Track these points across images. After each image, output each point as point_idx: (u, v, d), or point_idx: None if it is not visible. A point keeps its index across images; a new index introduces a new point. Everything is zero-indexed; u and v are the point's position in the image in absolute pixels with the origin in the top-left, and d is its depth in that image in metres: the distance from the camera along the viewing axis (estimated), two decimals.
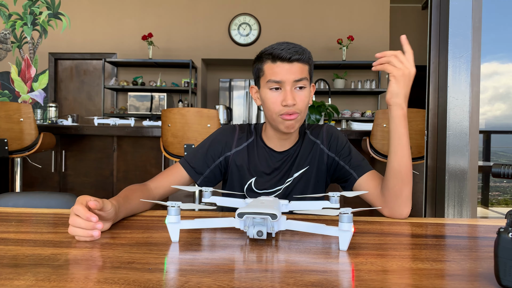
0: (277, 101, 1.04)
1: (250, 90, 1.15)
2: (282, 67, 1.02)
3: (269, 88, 1.04)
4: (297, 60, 1.02)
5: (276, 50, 1.03)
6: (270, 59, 1.04)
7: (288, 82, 1.02)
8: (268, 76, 1.04)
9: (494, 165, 0.58)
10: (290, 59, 1.02)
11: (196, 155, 1.14)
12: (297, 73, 1.03)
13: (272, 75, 1.03)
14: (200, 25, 6.07)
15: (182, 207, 0.72)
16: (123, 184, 3.19)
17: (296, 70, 1.03)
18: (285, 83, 1.02)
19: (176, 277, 0.55)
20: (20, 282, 0.52)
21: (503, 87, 4.34)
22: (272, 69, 1.03)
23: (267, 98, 1.06)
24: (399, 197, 0.95)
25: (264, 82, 1.06)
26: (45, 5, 6.15)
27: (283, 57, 1.02)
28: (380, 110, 2.53)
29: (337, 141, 1.14)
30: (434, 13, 1.48)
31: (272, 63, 1.03)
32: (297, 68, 1.03)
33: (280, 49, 1.02)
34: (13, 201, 1.35)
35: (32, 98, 6.14)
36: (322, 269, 0.59)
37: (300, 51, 1.03)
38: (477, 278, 0.56)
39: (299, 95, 1.04)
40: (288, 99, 1.02)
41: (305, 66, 1.05)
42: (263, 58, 1.06)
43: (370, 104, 6.18)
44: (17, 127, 2.46)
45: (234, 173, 1.14)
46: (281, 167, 1.13)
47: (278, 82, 1.03)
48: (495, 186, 4.71)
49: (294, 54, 1.02)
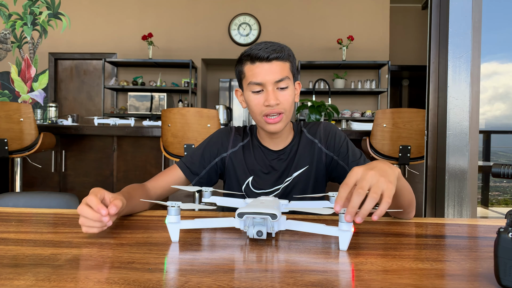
0: (260, 102, 1.03)
1: (236, 93, 1.15)
2: (262, 68, 1.01)
3: (251, 91, 1.04)
4: (275, 58, 1.01)
5: (254, 51, 1.01)
6: (249, 60, 1.02)
7: (269, 83, 1.01)
8: (249, 78, 1.03)
9: (494, 165, 0.58)
10: (268, 58, 1.00)
11: (192, 157, 1.15)
12: (277, 73, 1.01)
13: (252, 76, 1.02)
14: (200, 25, 6.07)
15: (182, 207, 0.72)
16: (123, 184, 3.19)
17: (276, 69, 1.01)
18: (266, 84, 1.01)
19: (176, 277, 0.55)
20: (20, 282, 0.52)
21: (503, 87, 4.34)
22: (252, 71, 1.02)
23: (250, 101, 1.05)
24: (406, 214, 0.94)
25: (246, 85, 1.05)
26: (45, 5, 6.15)
27: (261, 57, 1.00)
28: (380, 110, 2.53)
29: (335, 139, 1.13)
30: (434, 13, 1.48)
31: (251, 64, 1.02)
32: (277, 67, 1.01)
33: (258, 49, 1.01)
34: (13, 201, 1.35)
35: (32, 98, 6.14)
36: (322, 269, 0.59)
37: (279, 49, 1.02)
38: (477, 278, 0.56)
39: (282, 95, 1.03)
40: (270, 99, 1.01)
41: (286, 63, 1.03)
42: (243, 60, 1.05)
43: (370, 104, 6.17)
44: (17, 127, 2.46)
45: (231, 173, 1.15)
46: (278, 166, 1.13)
47: (259, 84, 1.02)
48: (495, 186, 4.70)
49: (272, 52, 1.00)
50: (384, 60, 5.78)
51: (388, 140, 2.49)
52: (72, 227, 0.81)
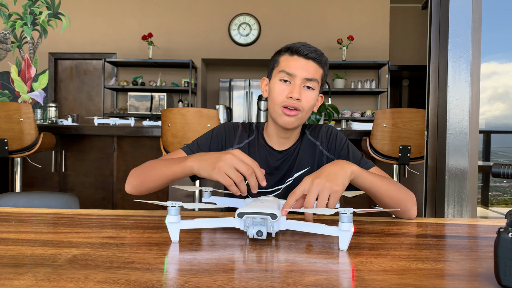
0: (284, 92, 1.05)
1: (261, 81, 1.16)
2: (298, 61, 1.04)
3: (279, 79, 1.06)
4: (313, 58, 1.04)
5: (296, 45, 1.06)
6: (288, 52, 1.06)
7: (299, 77, 1.04)
8: (281, 67, 1.06)
9: (494, 165, 0.58)
10: (307, 55, 1.04)
11: (200, 145, 1.13)
12: (310, 72, 1.04)
13: (285, 66, 1.05)
14: (200, 25, 6.07)
15: (185, 206, 0.72)
16: (123, 184, 3.19)
17: (310, 68, 1.04)
18: (296, 78, 1.04)
19: (176, 277, 0.55)
20: (20, 282, 0.52)
21: (502, 87, 4.34)
22: (287, 61, 1.06)
23: (274, 88, 1.07)
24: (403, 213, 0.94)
25: (276, 73, 1.08)
26: (45, 5, 6.15)
27: (300, 52, 1.04)
28: (380, 110, 2.53)
29: (336, 142, 1.14)
30: (434, 13, 1.48)
31: (289, 56, 1.06)
32: (312, 67, 1.04)
33: (300, 45, 1.05)
34: (13, 201, 1.35)
35: (32, 98, 6.14)
36: (322, 269, 0.59)
37: (319, 52, 1.06)
38: (477, 278, 0.56)
39: (306, 94, 1.05)
40: (294, 92, 1.03)
41: (320, 68, 1.07)
42: (281, 51, 1.09)
43: (370, 104, 6.18)
44: (17, 127, 2.46)
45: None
46: (281, 167, 1.13)
47: (289, 74, 1.04)
48: (495, 186, 4.71)
49: (313, 52, 1.04)
50: (384, 60, 5.78)
51: (388, 140, 2.49)
52: (72, 227, 0.81)
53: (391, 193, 0.90)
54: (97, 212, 0.96)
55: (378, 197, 0.91)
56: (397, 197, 0.91)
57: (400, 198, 0.91)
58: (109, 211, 0.98)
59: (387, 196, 0.90)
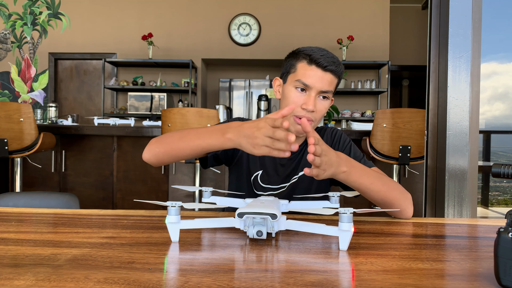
0: (299, 102, 1.05)
1: (274, 81, 1.16)
2: (316, 73, 1.03)
3: (295, 87, 1.06)
4: (331, 71, 1.04)
5: (316, 54, 1.04)
6: (307, 60, 1.05)
7: (315, 89, 1.04)
8: (298, 76, 1.05)
9: (494, 165, 0.58)
10: (325, 67, 1.03)
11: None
12: (326, 84, 1.04)
13: (303, 76, 1.04)
14: (200, 25, 6.07)
15: (185, 206, 0.72)
16: (123, 184, 3.20)
17: (327, 80, 1.04)
18: (312, 89, 1.04)
19: (176, 277, 0.55)
20: (20, 282, 0.52)
21: (502, 87, 4.34)
22: (305, 70, 1.04)
23: (290, 96, 1.07)
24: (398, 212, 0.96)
25: (292, 80, 1.07)
26: (45, 5, 6.15)
27: (320, 63, 1.03)
28: (380, 110, 2.53)
29: (339, 143, 1.17)
30: (434, 13, 1.48)
31: (308, 65, 1.05)
32: (329, 78, 1.05)
33: (320, 55, 1.04)
34: (13, 201, 1.35)
35: (32, 98, 6.14)
36: (322, 269, 0.59)
37: (337, 63, 1.05)
38: (477, 278, 0.56)
39: (320, 104, 1.06)
40: (309, 104, 1.03)
41: (335, 79, 1.07)
42: (300, 57, 1.07)
43: (370, 104, 6.18)
44: (17, 127, 2.46)
45: (244, 162, 1.16)
46: (288, 166, 1.16)
47: (306, 85, 1.04)
48: (495, 186, 4.71)
49: (332, 64, 1.04)
50: (384, 60, 5.78)
51: (388, 140, 2.49)
52: (72, 227, 0.81)
53: (382, 194, 0.93)
54: (97, 212, 0.96)
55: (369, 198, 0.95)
56: (388, 197, 0.94)
57: (391, 198, 0.94)
58: (109, 211, 0.98)
59: (378, 196, 0.94)
